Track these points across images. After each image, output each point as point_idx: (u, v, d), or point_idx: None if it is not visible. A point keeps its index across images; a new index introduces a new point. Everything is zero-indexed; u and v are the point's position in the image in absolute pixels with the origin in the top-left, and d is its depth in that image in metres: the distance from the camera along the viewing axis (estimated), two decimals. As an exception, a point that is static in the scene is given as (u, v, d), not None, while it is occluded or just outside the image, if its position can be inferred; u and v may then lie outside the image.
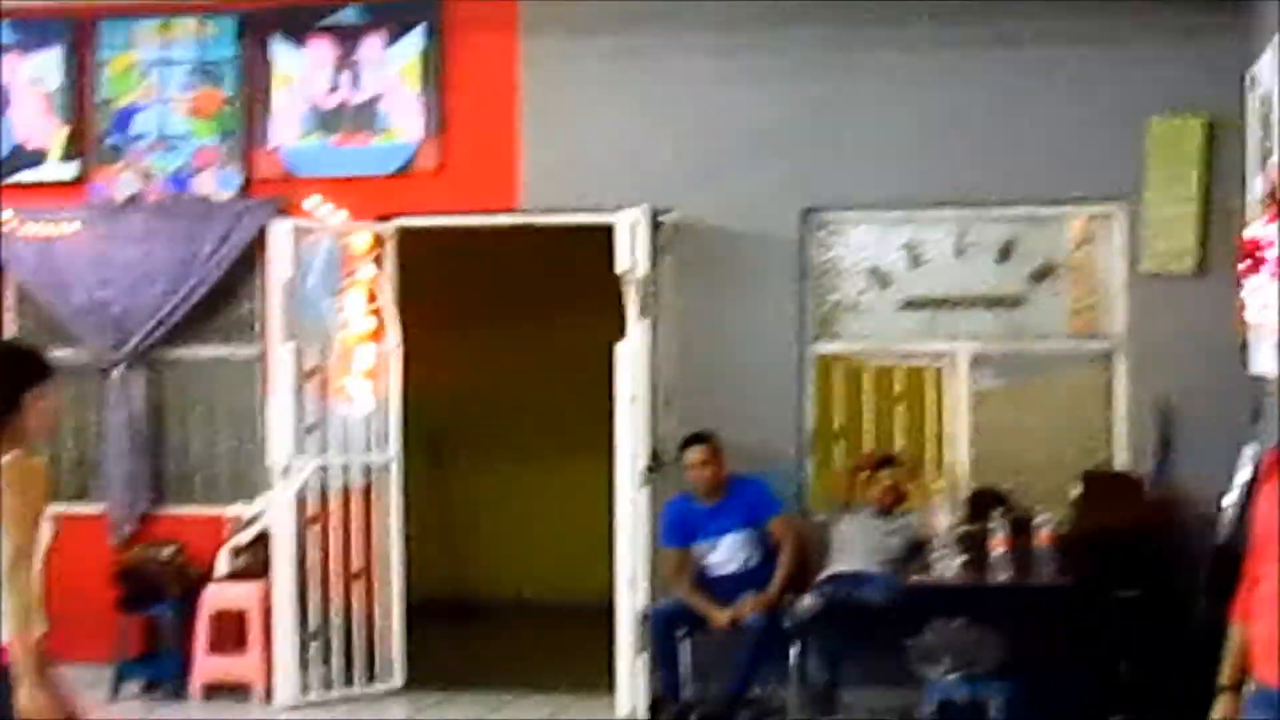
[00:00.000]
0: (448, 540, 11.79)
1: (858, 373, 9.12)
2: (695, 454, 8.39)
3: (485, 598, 11.82)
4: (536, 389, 11.58)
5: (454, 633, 10.84)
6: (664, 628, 8.30)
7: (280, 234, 8.98)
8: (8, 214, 9.50)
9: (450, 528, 11.88)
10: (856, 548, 8.23)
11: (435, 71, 9.23)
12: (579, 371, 10.15)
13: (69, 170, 9.62)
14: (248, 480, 9.41)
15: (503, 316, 11.57)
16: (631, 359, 8.46)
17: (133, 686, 9.19)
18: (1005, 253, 8.80)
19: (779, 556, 8.34)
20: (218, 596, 9.20)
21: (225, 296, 9.58)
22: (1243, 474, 7.35)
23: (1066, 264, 8.79)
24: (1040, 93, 8.62)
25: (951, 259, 8.88)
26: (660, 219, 8.69)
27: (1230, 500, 7.50)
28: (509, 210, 9.23)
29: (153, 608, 9.19)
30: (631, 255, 8.42)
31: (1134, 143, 8.43)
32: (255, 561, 9.13)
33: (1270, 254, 6.09)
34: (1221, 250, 8.08)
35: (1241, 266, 6.82)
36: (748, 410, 8.76)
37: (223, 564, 9.22)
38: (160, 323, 9.46)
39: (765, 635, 8.08)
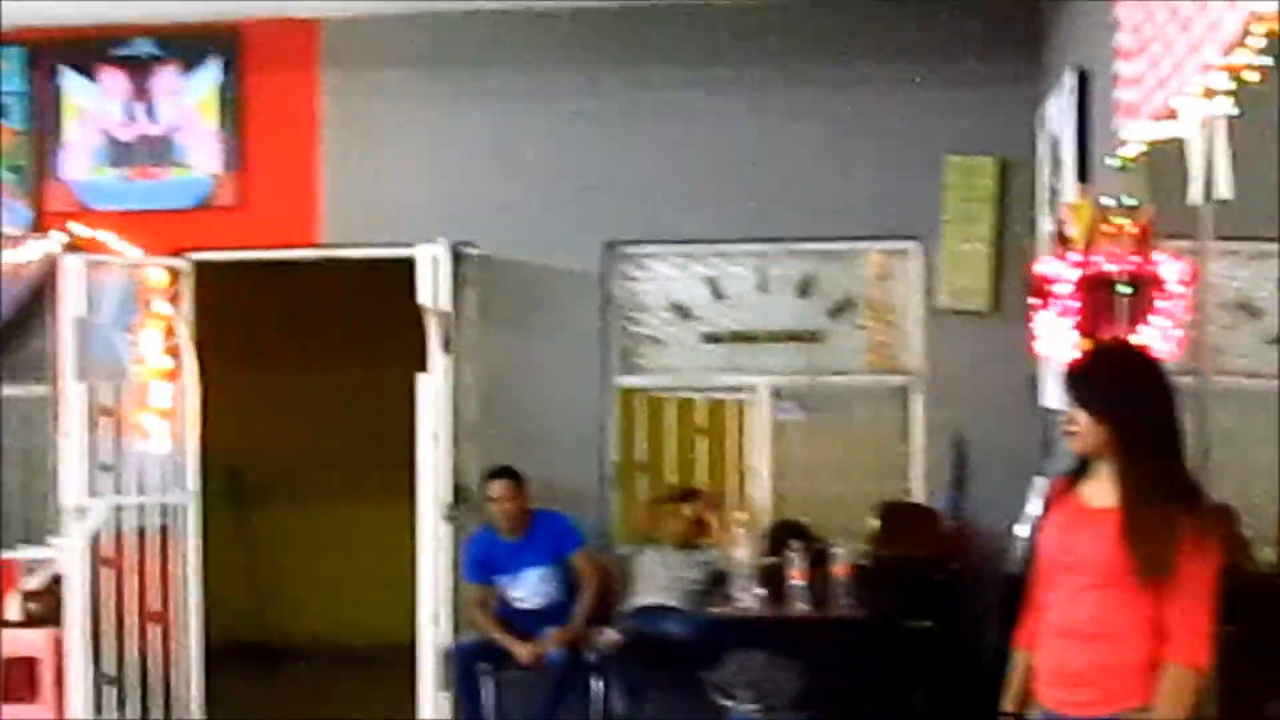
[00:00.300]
0: (249, 582, 11.59)
1: (660, 406, 9.16)
2: (498, 488, 8.36)
3: (288, 640, 11.62)
4: (339, 426, 11.43)
5: (256, 676, 10.65)
6: (467, 664, 8.25)
7: (71, 269, 8.77)
8: None
9: (252, 570, 11.68)
10: (659, 581, 8.26)
11: (233, 104, 9.11)
12: (382, 408, 10.07)
13: None
14: (38, 522, 9.15)
15: (305, 353, 11.42)
16: (433, 394, 8.42)
17: (-82, 742, 8.90)
18: (805, 288, 8.92)
19: (581, 591, 8.35)
20: (8, 643, 8.92)
21: (14, 333, 9.33)
22: (1033, 505, 7.51)
23: (865, 300, 8.93)
24: (840, 132, 8.74)
25: (753, 294, 8.97)
26: (462, 252, 8.66)
27: (1021, 531, 7.67)
28: (309, 245, 9.14)
29: (-65, 658, 8.91)
30: (433, 289, 8.39)
31: (930, 182, 8.59)
32: (47, 607, 8.88)
33: (1058, 290, 6.22)
34: (1014, 287, 8.27)
35: (1032, 303, 6.98)
36: (551, 444, 8.76)
37: (12, 609, 8.96)
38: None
39: (568, 670, 8.07)
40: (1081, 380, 4.22)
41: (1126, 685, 4.02)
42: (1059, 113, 7.37)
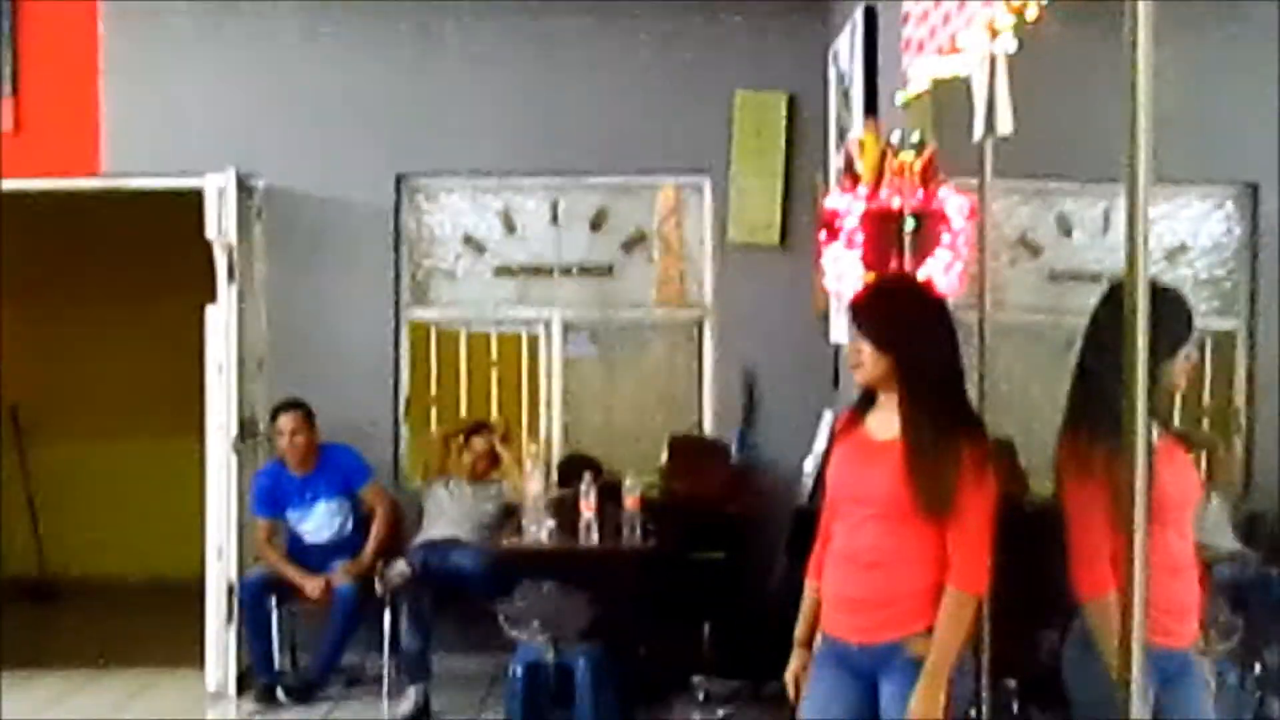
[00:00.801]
0: (30, 520, 11.34)
1: (453, 340, 9.12)
2: (286, 421, 8.27)
3: (71, 577, 11.40)
4: (125, 360, 11.19)
5: (38, 613, 10.46)
6: (254, 598, 8.17)
7: None
8: None
9: (33, 506, 11.42)
10: (449, 514, 8.26)
11: (8, 28, 8.81)
12: (170, 342, 9.90)
13: None
14: None
15: (90, 287, 11.14)
16: (220, 326, 8.28)
17: None
18: (597, 222, 8.94)
19: (372, 524, 8.31)
20: None
21: None
22: (820, 439, 7.65)
23: (656, 234, 8.97)
24: (631, 66, 8.74)
25: (545, 227, 8.96)
26: (249, 184, 8.51)
27: (809, 464, 7.81)
28: (92, 174, 8.90)
29: None
30: (219, 221, 8.24)
31: (721, 116, 8.65)
32: None
33: (845, 224, 6.31)
34: (804, 223, 8.38)
35: (821, 238, 7.07)
36: (341, 378, 8.68)
37: None
38: None
39: (357, 603, 8.04)
40: (865, 312, 4.29)
41: (908, 611, 4.11)
42: (848, 49, 7.45)
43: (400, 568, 7.86)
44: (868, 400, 4.33)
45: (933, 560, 4.10)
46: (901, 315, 4.24)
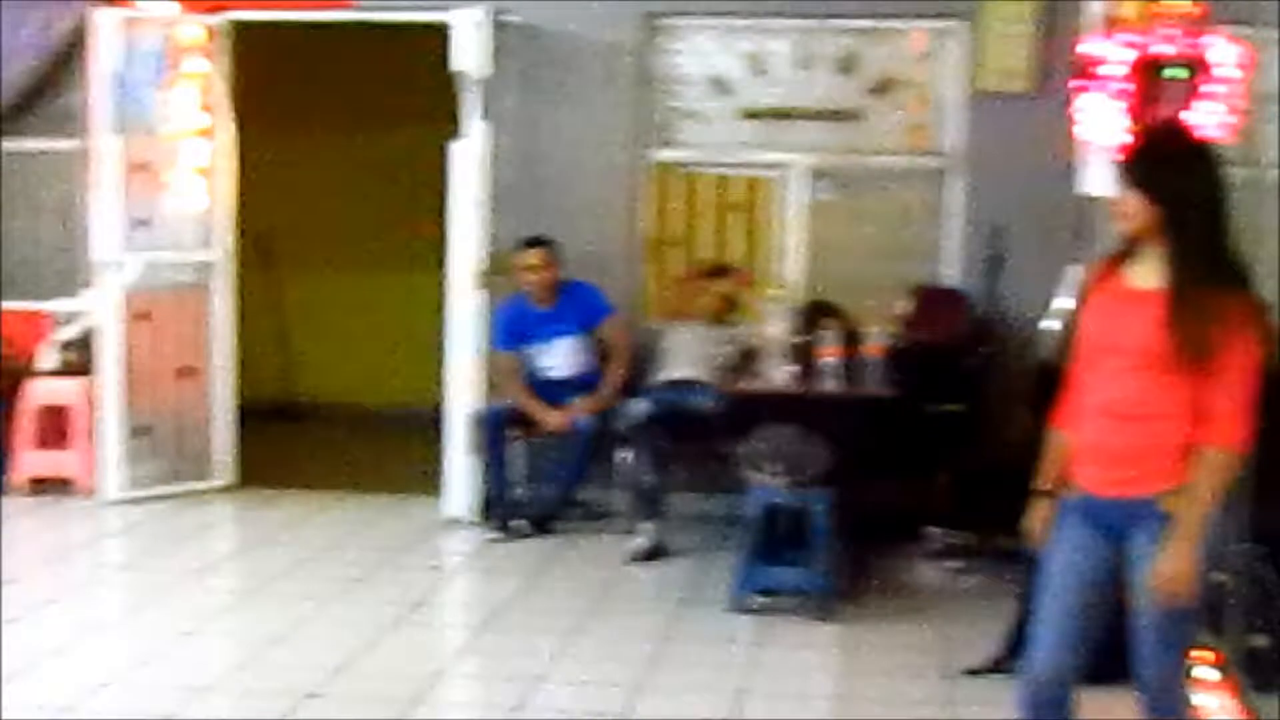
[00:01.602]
0: (278, 343, 11.68)
1: (694, 181, 9.09)
2: (531, 257, 8.36)
3: (314, 402, 11.75)
4: (370, 192, 11.39)
5: (283, 435, 10.80)
6: (494, 430, 8.33)
7: (106, 24, 8.69)
8: None
9: (280, 331, 11.75)
10: (687, 355, 8.29)
11: None
12: (414, 174, 10.05)
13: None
14: (71, 276, 9.19)
15: (341, 117, 11.32)
16: (468, 161, 8.37)
17: (-48, 480, 9.07)
18: (846, 66, 8.80)
19: (610, 361, 8.40)
20: (41, 392, 9.05)
21: (47, 87, 9.27)
22: (1066, 293, 7.49)
23: (905, 79, 8.81)
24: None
25: (793, 70, 8.86)
26: (501, 19, 8.54)
27: (1053, 317, 7.66)
28: (345, 6, 9.01)
29: (-29, 402, 9.03)
30: (470, 55, 8.29)
31: (976, -42, 8.44)
32: (80, 357, 8.98)
33: (1106, 72, 6.13)
34: (1057, 70, 8.14)
35: (1076, 85, 6.88)
36: (583, 216, 8.74)
37: (46, 359, 9.06)
38: (-20, 111, 9.16)
39: (594, 438, 8.15)
40: (1136, 162, 4.17)
41: (1163, 466, 4.04)
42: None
43: (639, 405, 7.94)
44: (1126, 251, 4.22)
45: (1190, 415, 4.02)
46: (1172, 165, 4.12)
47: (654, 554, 7.79)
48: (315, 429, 11.37)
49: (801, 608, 6.84)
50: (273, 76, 9.81)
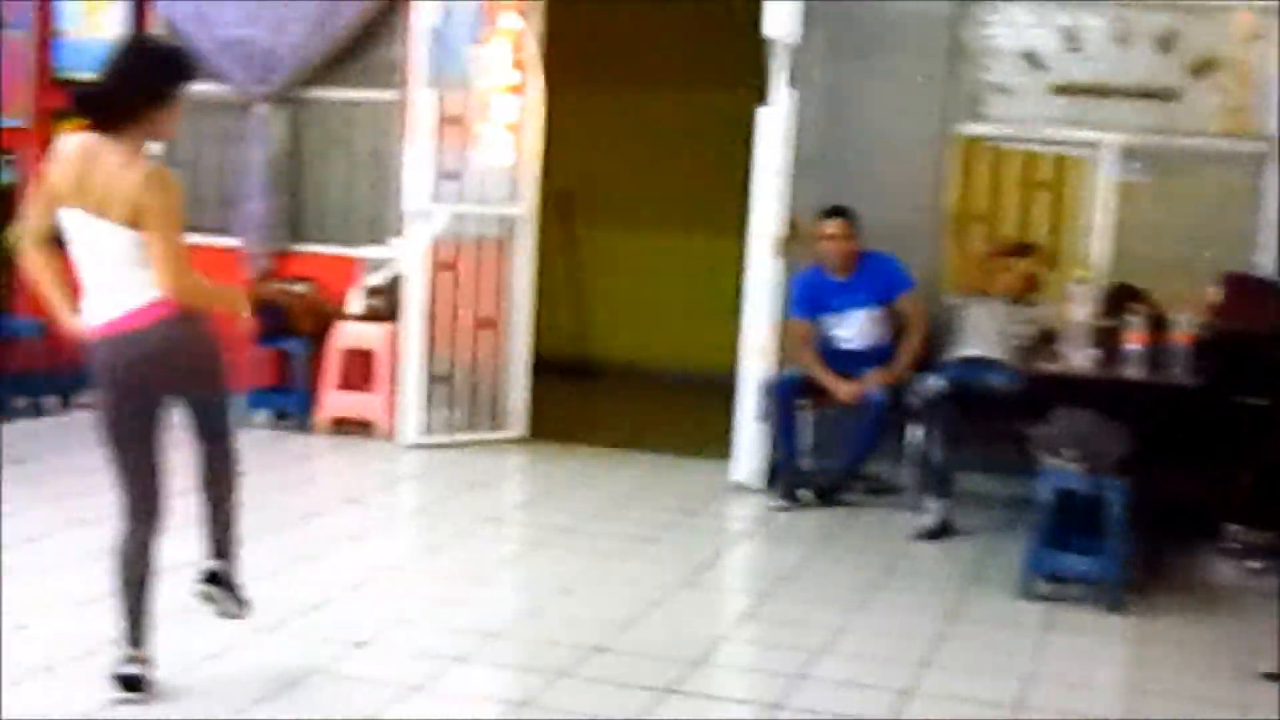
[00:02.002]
0: (572, 300, 11.86)
1: (1001, 156, 8.92)
2: (833, 226, 8.32)
3: (605, 360, 11.91)
4: (674, 154, 11.46)
5: (573, 391, 10.97)
6: (786, 398, 8.33)
7: (426, -22, 8.92)
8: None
9: (575, 288, 11.93)
10: (986, 333, 8.16)
11: None
12: (718, 138, 10.09)
13: (220, -96, 9.58)
14: (381, 224, 9.47)
15: (645, 78, 11.42)
16: (773, 128, 8.36)
17: (262, 416, 9.41)
18: (1165, 43, 8.55)
19: (907, 334, 8.32)
20: (348, 335, 9.35)
21: (368, 39, 9.55)
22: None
23: (1227, 60, 8.52)
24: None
25: (1109, 46, 8.63)
26: (809, -12, 8.51)
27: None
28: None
29: (284, 342, 9.35)
30: (783, 21, 8.27)
31: (1311, -64, 8.11)
32: (386, 304, 9.25)
33: None
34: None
35: None
36: (884, 187, 8.66)
37: (354, 304, 9.35)
38: (303, 62, 9.45)
39: (886, 412, 8.10)
40: None
41: None
42: None
43: (933, 381, 7.86)
44: None
45: None
46: None
47: (941, 532, 7.72)
48: (605, 386, 11.54)
49: (1091, 597, 6.70)
50: (583, 34, 9.94)
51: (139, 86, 4.81)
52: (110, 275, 4.81)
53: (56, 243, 4.91)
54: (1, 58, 9.43)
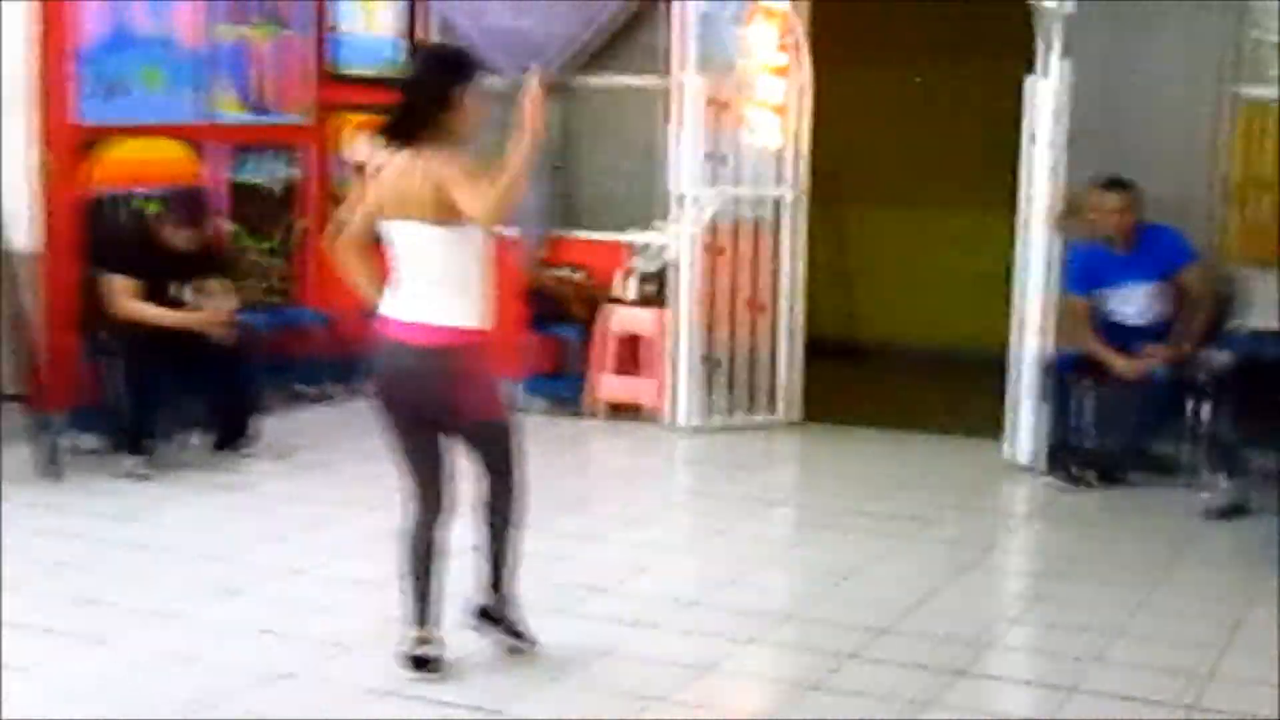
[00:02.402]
0: (840, 281, 11.78)
1: (1283, 121, 8.60)
2: (1112, 200, 8.09)
3: (874, 340, 11.82)
4: (941, 127, 11.29)
5: (843, 373, 10.90)
6: (1063, 375, 8.16)
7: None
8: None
9: (843, 269, 11.85)
10: (1275, 305, 7.89)
11: None
12: (986, 109, 9.92)
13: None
14: (651, 208, 9.52)
15: (910, 52, 11.28)
16: (1044, 98, 8.18)
17: (538, 402, 9.55)
18: None
19: (1191, 309, 8.07)
20: (621, 320, 9.43)
21: (634, 25, 9.60)
22: None
23: None
24: None
25: None
26: (1087, -46, 8.31)
27: None
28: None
29: (558, 328, 9.47)
30: (1054, -11, 8.09)
31: None
32: (657, 288, 9.30)
33: None
34: None
35: None
36: (1162, 156, 8.38)
37: (626, 289, 9.42)
38: (574, 51, 9.55)
39: (1171, 389, 7.88)
40: None
41: None
42: None
43: (1220, 356, 7.62)
44: None
45: None
46: None
47: (1232, 511, 7.46)
48: (875, 367, 11.45)
49: (1396, 578, 6.44)
50: (847, 12, 9.86)
51: (428, 95, 4.94)
52: (423, 284, 4.94)
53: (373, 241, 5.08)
54: (282, 57, 9.69)
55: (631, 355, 9.51)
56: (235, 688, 5.02)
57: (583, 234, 9.80)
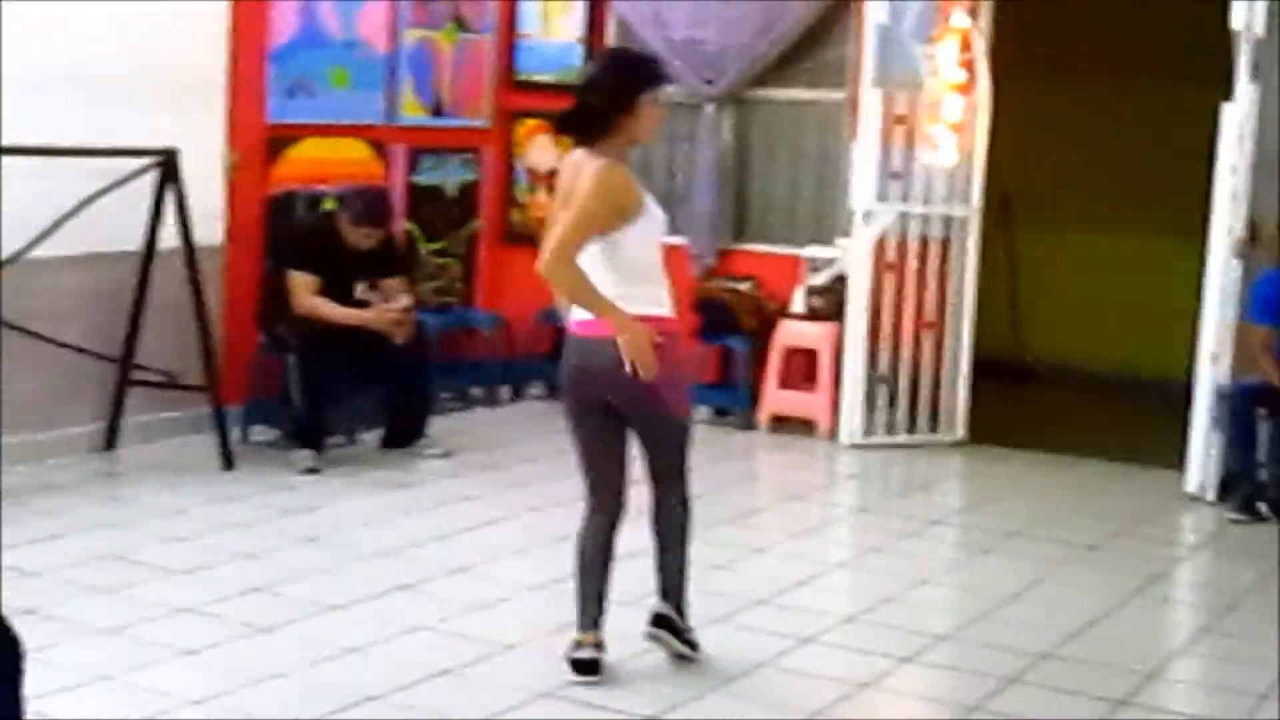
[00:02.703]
0: (1009, 302, 11.65)
1: None
2: (1298, 228, 7.94)
3: (1046, 362, 11.66)
4: (1123, 150, 11.10)
5: (1011, 394, 10.78)
6: (1243, 406, 7.98)
7: (878, -23, 8.90)
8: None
9: (1013, 289, 11.72)
10: None
11: None
12: (1174, 135, 9.76)
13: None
14: (826, 223, 9.48)
15: (1094, 74, 11.10)
16: (1237, 124, 8.02)
17: (701, 411, 9.55)
18: None
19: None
20: (790, 334, 9.40)
21: (815, 39, 9.57)
22: None
23: None
24: None
25: None
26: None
27: None
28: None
29: (727, 339, 9.47)
30: (1248, 12, 7.92)
31: None
32: (829, 303, 9.27)
33: None
34: None
35: None
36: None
37: (797, 303, 9.40)
38: (751, 62, 9.55)
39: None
40: None
41: None
42: None
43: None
44: None
45: None
46: None
47: None
48: (1044, 390, 11.31)
49: None
50: (1031, 32, 9.76)
51: (610, 97, 4.97)
52: (613, 278, 4.98)
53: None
54: (465, 61, 9.82)
55: (803, 369, 9.48)
56: (395, 683, 5.09)
57: (756, 246, 9.78)
